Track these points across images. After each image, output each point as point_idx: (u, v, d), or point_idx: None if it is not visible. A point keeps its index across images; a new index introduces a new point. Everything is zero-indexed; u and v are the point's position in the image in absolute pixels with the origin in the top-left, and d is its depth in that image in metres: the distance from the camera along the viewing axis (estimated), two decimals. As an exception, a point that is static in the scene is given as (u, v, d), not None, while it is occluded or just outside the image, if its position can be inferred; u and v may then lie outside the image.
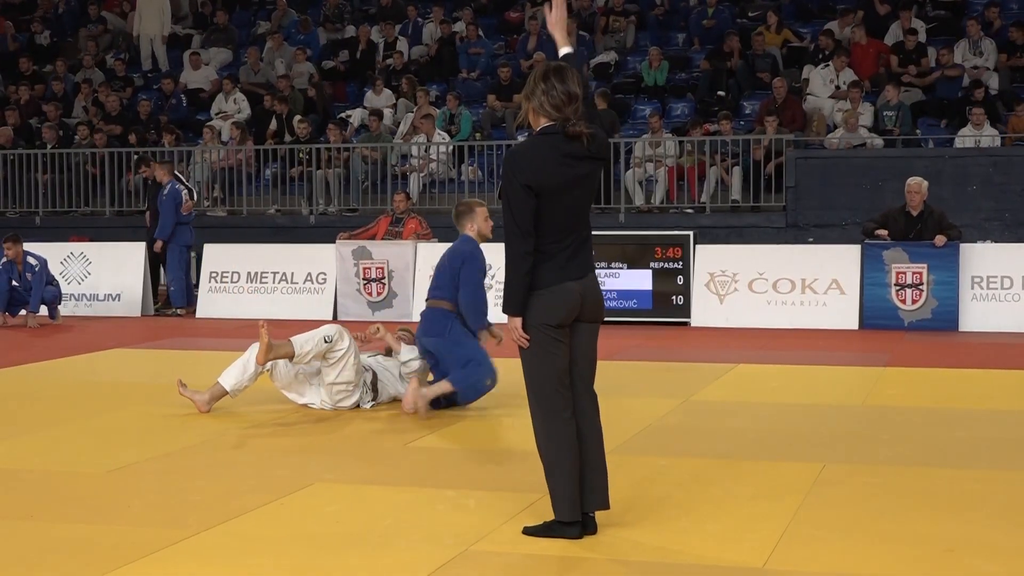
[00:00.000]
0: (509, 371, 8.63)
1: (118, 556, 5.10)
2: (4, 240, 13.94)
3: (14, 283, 13.99)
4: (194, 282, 15.86)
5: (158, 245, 14.99)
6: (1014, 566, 4.90)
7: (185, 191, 15.49)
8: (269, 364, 8.06)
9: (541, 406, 5.28)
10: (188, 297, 15.29)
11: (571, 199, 5.25)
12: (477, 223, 8.36)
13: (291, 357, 8.01)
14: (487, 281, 8.31)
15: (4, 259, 13.92)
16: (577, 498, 5.21)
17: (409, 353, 8.43)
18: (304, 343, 8.00)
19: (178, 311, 15.12)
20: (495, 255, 12.95)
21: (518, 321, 5.16)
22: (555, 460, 5.23)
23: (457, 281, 8.21)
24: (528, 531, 5.33)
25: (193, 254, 16.12)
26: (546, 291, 5.14)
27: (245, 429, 7.82)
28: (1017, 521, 5.57)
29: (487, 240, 8.41)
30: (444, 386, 8.11)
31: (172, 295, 15.26)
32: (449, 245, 14.46)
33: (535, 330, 5.16)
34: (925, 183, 13.23)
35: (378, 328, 8.65)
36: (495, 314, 6.88)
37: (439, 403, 8.17)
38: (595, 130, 5.22)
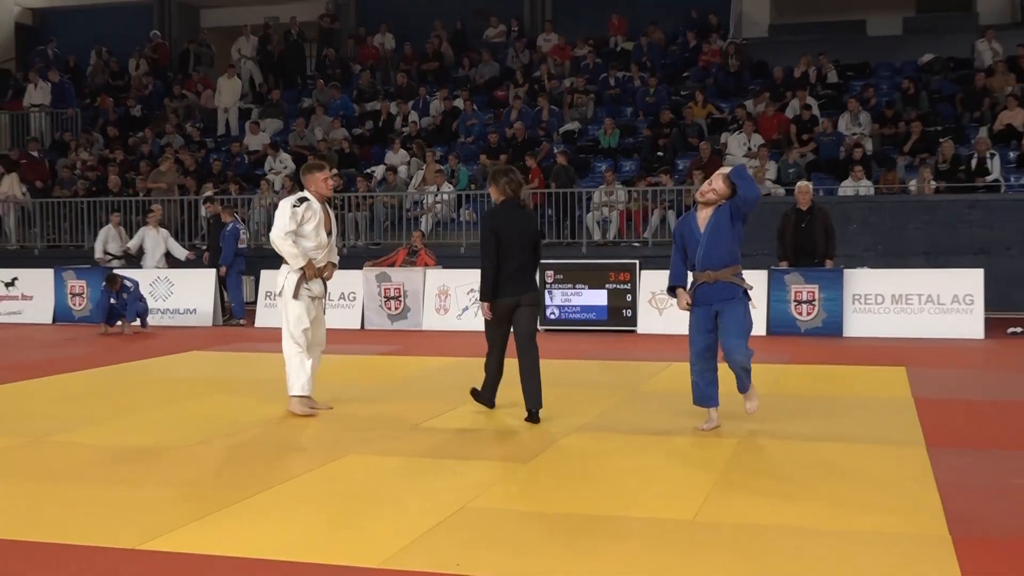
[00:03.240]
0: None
1: (194, 512, 5.11)
2: (104, 284, 14.15)
3: (112, 301, 14.04)
4: (250, 300, 15.88)
5: (223, 270, 15.10)
6: (885, 519, 4.93)
7: (244, 229, 15.60)
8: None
9: (488, 348, 7.52)
10: (234, 313, 15.34)
11: (517, 243, 7.27)
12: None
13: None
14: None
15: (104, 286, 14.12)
16: (490, 393, 7.66)
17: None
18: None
19: (240, 322, 15.11)
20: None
21: (487, 305, 7.29)
22: (486, 371, 7.60)
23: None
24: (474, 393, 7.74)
25: (252, 277, 16.12)
26: (498, 300, 7.28)
27: (287, 417, 7.75)
28: (888, 483, 5.61)
29: None
30: None
31: (235, 310, 15.30)
32: (451, 272, 14.36)
33: (493, 313, 7.30)
34: (811, 185, 13.39)
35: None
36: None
37: None
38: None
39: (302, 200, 7.74)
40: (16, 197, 19.77)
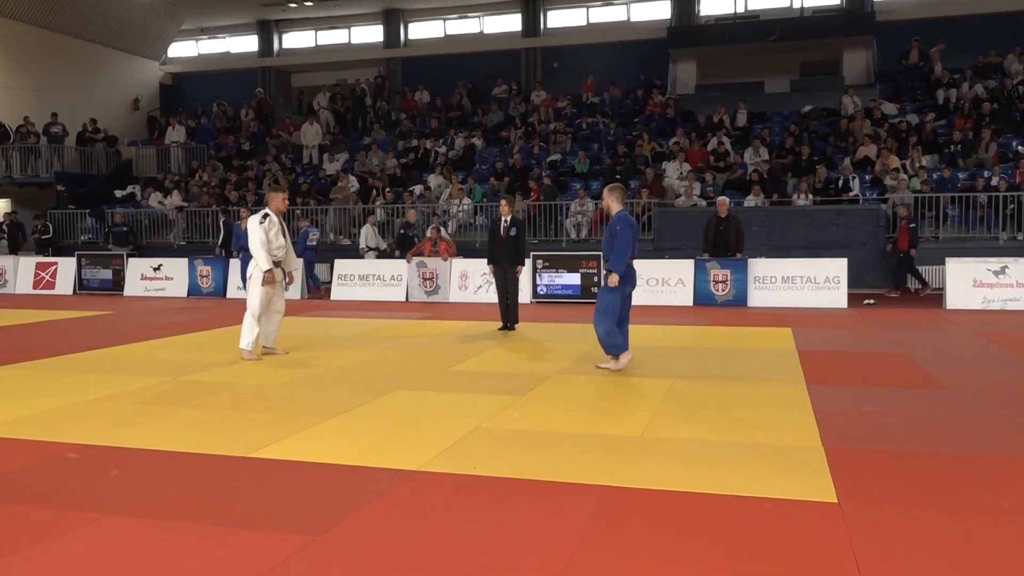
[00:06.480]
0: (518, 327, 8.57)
1: (287, 431, 5.09)
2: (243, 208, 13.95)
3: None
4: (327, 280, 15.80)
5: (299, 262, 14.95)
6: (776, 434, 4.91)
7: (315, 230, 15.46)
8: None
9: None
10: (315, 287, 15.19)
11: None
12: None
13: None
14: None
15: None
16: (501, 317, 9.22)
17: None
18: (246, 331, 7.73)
19: (309, 293, 15.05)
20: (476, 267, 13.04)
21: (490, 267, 9.25)
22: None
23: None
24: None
25: (328, 264, 16.02)
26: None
27: (354, 363, 7.76)
28: (778, 409, 5.58)
29: None
30: None
31: (308, 287, 15.20)
32: (469, 260, 14.29)
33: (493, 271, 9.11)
34: (727, 199, 13.22)
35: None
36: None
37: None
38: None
39: (265, 216, 7.70)
40: (159, 207, 19.68)
